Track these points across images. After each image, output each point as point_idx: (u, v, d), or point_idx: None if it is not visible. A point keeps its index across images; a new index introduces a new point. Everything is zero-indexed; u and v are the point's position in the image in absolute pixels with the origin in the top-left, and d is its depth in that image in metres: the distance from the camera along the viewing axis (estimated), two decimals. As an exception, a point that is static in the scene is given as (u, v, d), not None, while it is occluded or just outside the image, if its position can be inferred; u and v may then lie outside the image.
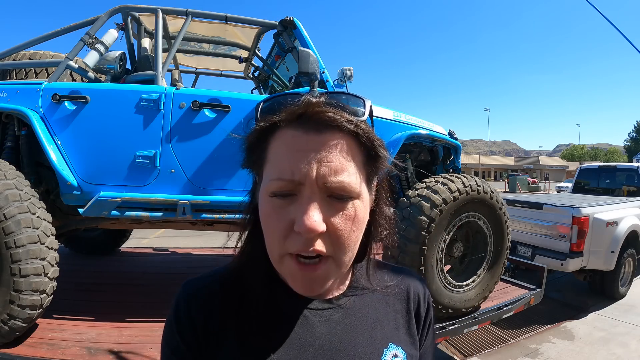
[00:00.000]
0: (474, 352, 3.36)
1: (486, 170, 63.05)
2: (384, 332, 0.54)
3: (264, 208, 0.45)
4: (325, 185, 0.42)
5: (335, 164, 0.43)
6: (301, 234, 0.42)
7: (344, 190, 0.43)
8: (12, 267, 1.65)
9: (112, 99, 2.11)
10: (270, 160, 0.46)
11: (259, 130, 0.47)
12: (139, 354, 1.78)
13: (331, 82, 2.41)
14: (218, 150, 2.18)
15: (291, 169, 0.42)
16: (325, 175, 0.42)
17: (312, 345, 0.49)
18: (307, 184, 0.42)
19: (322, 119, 0.43)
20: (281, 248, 0.44)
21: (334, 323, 0.52)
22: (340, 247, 0.44)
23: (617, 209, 4.58)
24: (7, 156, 2.10)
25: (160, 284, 2.79)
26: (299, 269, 0.44)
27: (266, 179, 0.45)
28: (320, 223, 0.42)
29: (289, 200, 0.43)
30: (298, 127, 0.44)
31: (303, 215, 0.41)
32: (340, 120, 0.43)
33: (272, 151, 0.45)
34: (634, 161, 22.18)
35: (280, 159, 0.44)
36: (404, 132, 2.47)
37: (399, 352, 0.53)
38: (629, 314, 4.21)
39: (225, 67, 3.67)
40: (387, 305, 0.57)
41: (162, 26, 2.44)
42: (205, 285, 0.54)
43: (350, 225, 0.44)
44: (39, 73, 2.64)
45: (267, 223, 0.45)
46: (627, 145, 60.56)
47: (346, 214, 0.44)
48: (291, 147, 0.43)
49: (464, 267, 2.53)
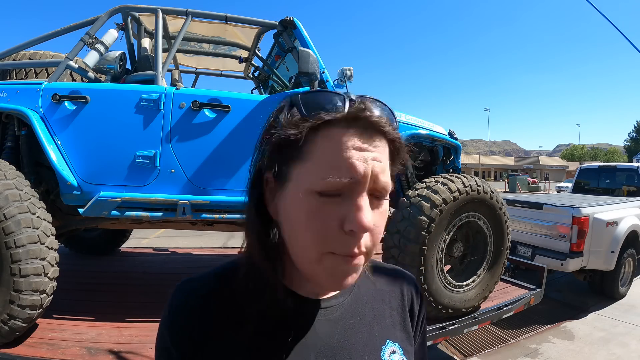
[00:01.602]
0: (474, 352, 3.35)
1: (486, 170, 63.07)
2: (381, 329, 0.55)
3: (305, 207, 0.44)
4: (375, 183, 0.44)
5: (384, 164, 0.45)
6: (353, 233, 0.42)
7: (386, 190, 0.45)
8: (12, 267, 1.65)
9: (112, 99, 2.11)
10: (314, 159, 0.44)
11: (306, 127, 0.44)
12: (139, 354, 1.78)
13: (331, 82, 2.41)
14: (218, 150, 2.18)
15: (348, 167, 0.42)
16: (378, 174, 0.44)
17: (314, 345, 0.50)
18: (363, 183, 0.43)
19: (374, 124, 0.45)
20: (323, 248, 0.44)
21: (334, 322, 0.52)
22: (375, 243, 0.46)
23: (617, 209, 4.57)
24: (7, 156, 2.10)
25: (160, 284, 2.78)
26: (343, 262, 0.44)
27: (308, 177, 0.44)
28: (372, 222, 0.43)
29: (334, 200, 0.43)
30: (349, 128, 0.44)
31: (359, 213, 0.42)
32: (387, 127, 0.45)
33: (316, 149, 0.44)
34: (634, 161, 22.19)
35: (333, 157, 0.43)
36: (404, 132, 2.47)
37: (396, 348, 0.54)
38: (629, 314, 4.21)
39: (225, 67, 3.67)
40: (383, 303, 0.58)
41: (162, 26, 2.44)
42: (203, 284, 0.53)
43: (383, 222, 0.47)
44: (39, 73, 2.64)
45: (309, 223, 0.44)
46: (627, 145, 60.57)
47: (382, 211, 0.46)
48: (346, 146, 0.43)
49: (464, 267, 2.53)
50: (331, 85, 2.40)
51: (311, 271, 0.47)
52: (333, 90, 0.48)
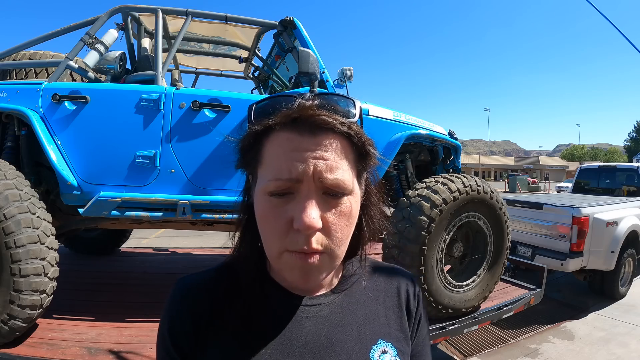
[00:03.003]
0: (474, 352, 3.35)
1: (486, 170, 63.05)
2: (374, 329, 0.55)
3: (260, 207, 0.47)
4: (321, 182, 0.44)
5: (330, 161, 0.44)
6: (300, 231, 0.43)
7: (339, 187, 0.45)
8: (12, 267, 1.65)
9: (112, 99, 2.11)
10: (265, 162, 0.47)
11: (254, 133, 0.48)
12: (139, 354, 1.78)
13: (331, 82, 2.41)
14: (218, 150, 2.17)
15: (288, 168, 0.44)
16: (322, 172, 0.44)
17: (299, 341, 0.50)
18: (305, 182, 0.44)
19: (316, 122, 0.45)
20: (280, 245, 0.46)
21: (322, 319, 0.53)
22: (335, 241, 0.46)
23: (617, 209, 4.57)
24: (7, 156, 2.10)
25: (160, 284, 2.78)
26: (298, 259, 0.45)
27: (262, 179, 0.47)
28: (318, 220, 0.44)
29: (286, 199, 0.45)
30: (293, 129, 0.45)
31: (302, 212, 0.43)
32: (334, 123, 0.45)
33: (267, 153, 0.47)
34: (634, 161, 22.18)
35: (277, 160, 0.45)
36: (404, 132, 2.47)
37: (389, 348, 0.54)
38: (629, 314, 4.21)
39: (225, 67, 3.67)
40: (377, 302, 0.58)
41: (162, 26, 2.44)
42: (199, 282, 0.55)
43: (344, 220, 0.47)
44: (39, 73, 2.64)
45: (265, 222, 0.47)
46: (627, 145, 60.55)
47: (340, 209, 0.46)
48: (287, 149, 0.45)
49: (464, 267, 2.53)
50: (331, 85, 2.40)
51: (276, 267, 0.50)
52: (290, 93, 0.49)
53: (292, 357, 0.49)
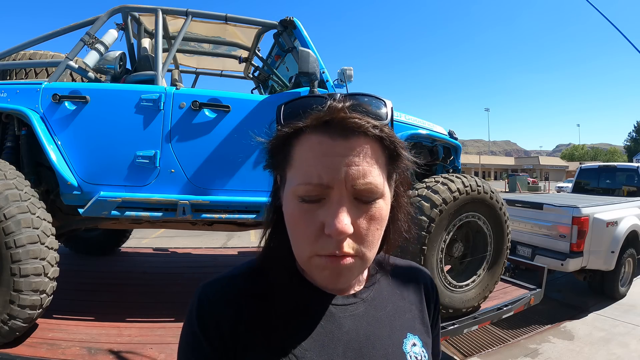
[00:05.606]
0: (474, 352, 3.35)
1: (486, 170, 63.04)
2: (402, 322, 0.56)
3: (291, 211, 0.46)
4: (353, 188, 0.43)
5: (363, 167, 0.44)
6: (331, 237, 0.43)
7: (371, 192, 0.44)
8: (12, 267, 1.65)
9: (112, 99, 2.11)
10: (295, 164, 0.46)
11: (283, 136, 0.47)
12: (139, 354, 1.78)
13: (331, 82, 2.41)
14: (218, 150, 2.18)
15: (319, 173, 0.43)
16: (354, 178, 0.43)
17: (341, 341, 0.50)
18: (336, 188, 0.43)
19: (348, 125, 0.44)
20: (311, 250, 0.45)
21: (359, 317, 0.53)
22: (366, 245, 0.46)
23: (617, 209, 4.57)
24: (7, 156, 2.10)
25: (160, 284, 2.78)
26: (329, 262, 0.45)
27: (291, 181, 0.46)
28: (349, 226, 0.43)
29: (317, 205, 0.44)
30: (324, 132, 0.44)
31: (334, 219, 0.42)
32: (366, 127, 0.44)
33: (297, 155, 0.46)
34: (634, 161, 22.18)
35: (307, 164, 0.44)
36: (404, 132, 2.47)
37: (417, 340, 0.56)
38: (629, 314, 4.21)
39: (225, 67, 3.67)
40: (402, 297, 0.59)
41: (162, 26, 2.44)
42: (229, 284, 0.53)
43: (375, 225, 0.46)
44: (39, 73, 2.64)
45: (295, 226, 0.46)
46: (627, 145, 60.56)
47: (371, 214, 0.45)
48: (318, 153, 0.44)
49: (464, 267, 2.53)
50: (331, 85, 2.40)
51: (307, 269, 0.49)
52: (320, 94, 0.48)
53: (336, 357, 0.49)
